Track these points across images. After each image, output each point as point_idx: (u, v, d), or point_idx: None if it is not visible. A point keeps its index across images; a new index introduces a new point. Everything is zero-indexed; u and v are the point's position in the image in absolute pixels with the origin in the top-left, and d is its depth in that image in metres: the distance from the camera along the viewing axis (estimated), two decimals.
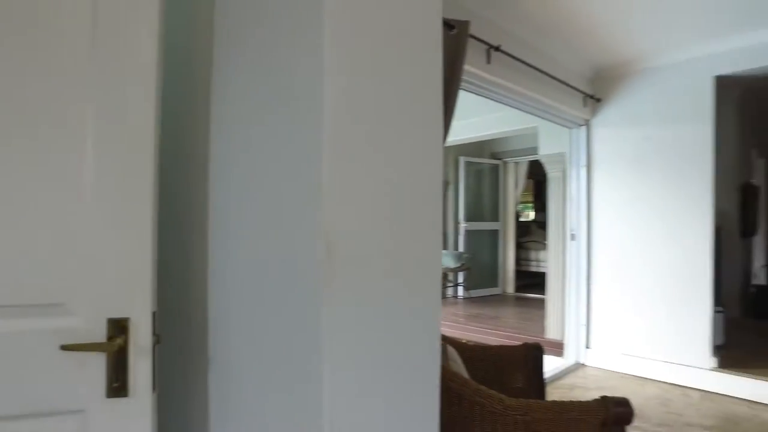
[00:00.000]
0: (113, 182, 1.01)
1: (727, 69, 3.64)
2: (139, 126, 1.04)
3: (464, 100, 2.83)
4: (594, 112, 4.27)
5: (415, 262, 0.97)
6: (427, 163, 1.00)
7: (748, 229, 5.69)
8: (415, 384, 0.97)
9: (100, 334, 1.06)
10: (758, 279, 6.18)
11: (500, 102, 3.58)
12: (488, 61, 3.10)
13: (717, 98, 3.71)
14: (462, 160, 7.26)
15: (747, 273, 6.09)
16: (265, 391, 0.99)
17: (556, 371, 3.92)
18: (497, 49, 3.11)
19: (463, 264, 6.94)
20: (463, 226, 7.25)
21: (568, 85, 3.86)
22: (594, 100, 4.22)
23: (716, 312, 3.79)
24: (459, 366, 1.85)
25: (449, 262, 6.77)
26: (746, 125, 5.73)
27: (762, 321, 5.43)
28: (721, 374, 3.59)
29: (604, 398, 1.54)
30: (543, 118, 4.10)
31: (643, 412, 3.12)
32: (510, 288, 7.64)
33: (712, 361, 3.64)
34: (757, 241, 6.54)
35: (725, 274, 4.75)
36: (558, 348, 4.26)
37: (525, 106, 3.75)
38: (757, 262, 6.39)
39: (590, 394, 3.48)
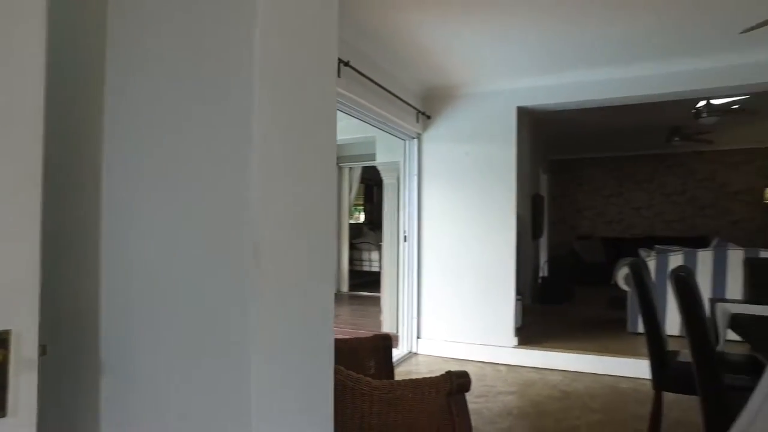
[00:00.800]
0: None
1: (526, 102, 4.48)
2: (21, 119, 0.98)
3: None
4: (425, 127, 4.81)
5: (319, 267, 1.11)
6: (326, 180, 1.15)
7: (536, 232, 6.96)
8: (320, 374, 1.11)
9: None
10: (543, 272, 7.59)
11: (347, 113, 3.84)
12: (338, 75, 3.33)
13: (518, 124, 4.53)
14: None
15: (536, 267, 7.45)
16: (173, 395, 1.02)
17: (393, 360, 4.32)
18: (347, 64, 3.35)
19: None
20: None
21: (405, 101, 4.31)
22: (425, 116, 4.76)
23: (517, 300, 4.61)
24: None
25: None
26: (534, 147, 7.01)
27: (546, 305, 6.70)
28: (520, 350, 4.39)
29: (448, 372, 1.85)
30: (382, 129, 4.49)
31: None
32: (345, 287, 8.03)
33: (515, 340, 4.43)
34: (543, 241, 8.03)
35: (522, 269, 5.75)
36: (393, 340, 4.69)
37: (367, 117, 4.07)
38: (543, 259, 7.85)
39: None
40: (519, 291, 4.82)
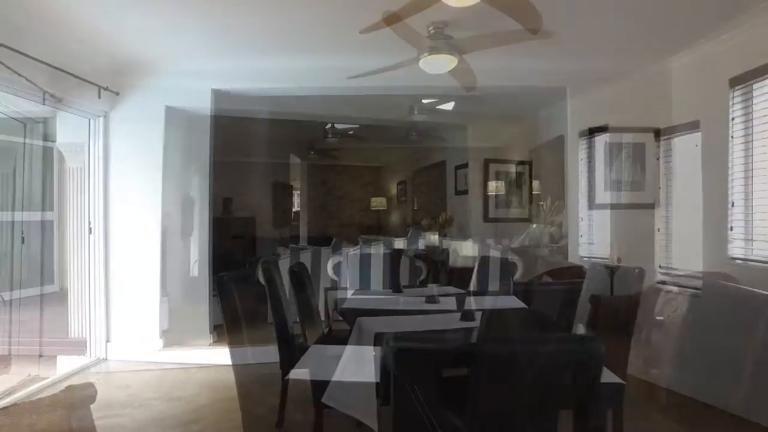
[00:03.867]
0: None
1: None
2: None
3: None
4: (113, 105, 4.22)
5: None
6: None
7: (186, 230, 6.94)
8: None
9: None
10: (193, 272, 7.59)
11: None
12: None
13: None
14: None
15: (186, 267, 7.40)
16: None
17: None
18: None
19: None
20: None
21: (79, 77, 3.69)
22: (113, 93, 4.14)
23: (162, 300, 4.54)
24: None
25: None
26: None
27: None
28: (167, 351, 4.34)
29: (69, 387, 1.74)
30: (51, 106, 3.70)
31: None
32: None
33: (160, 343, 4.34)
34: (193, 239, 8.04)
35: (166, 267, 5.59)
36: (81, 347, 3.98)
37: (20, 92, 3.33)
38: (193, 258, 7.86)
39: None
40: (165, 291, 4.75)
